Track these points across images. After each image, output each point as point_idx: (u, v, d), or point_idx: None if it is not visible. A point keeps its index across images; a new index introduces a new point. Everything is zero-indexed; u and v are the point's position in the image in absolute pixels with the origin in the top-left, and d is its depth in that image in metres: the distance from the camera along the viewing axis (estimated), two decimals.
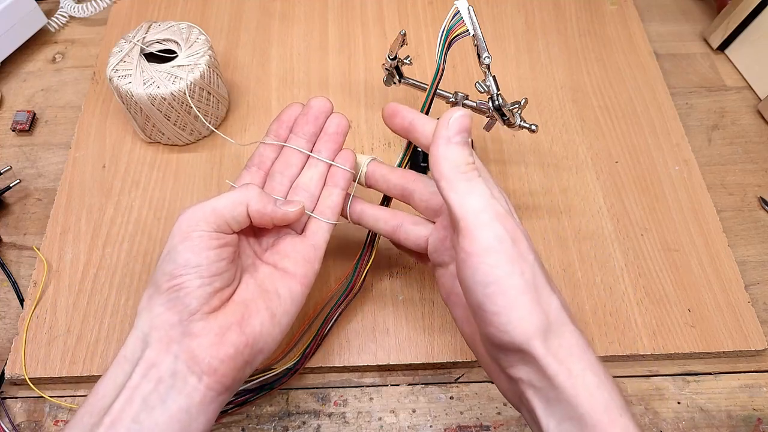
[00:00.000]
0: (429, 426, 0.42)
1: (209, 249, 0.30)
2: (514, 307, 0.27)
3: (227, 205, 0.31)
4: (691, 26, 0.65)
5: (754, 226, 0.51)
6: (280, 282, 0.33)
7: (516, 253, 0.27)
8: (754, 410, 0.43)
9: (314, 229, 0.35)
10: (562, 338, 0.27)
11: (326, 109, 0.37)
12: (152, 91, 0.46)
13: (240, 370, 0.30)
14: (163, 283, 0.30)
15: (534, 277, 0.28)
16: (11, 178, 0.51)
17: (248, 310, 0.31)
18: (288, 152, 0.37)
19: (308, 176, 0.36)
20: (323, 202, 0.36)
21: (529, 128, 0.42)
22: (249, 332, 0.30)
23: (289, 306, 0.33)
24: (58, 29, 0.63)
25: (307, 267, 0.34)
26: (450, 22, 0.35)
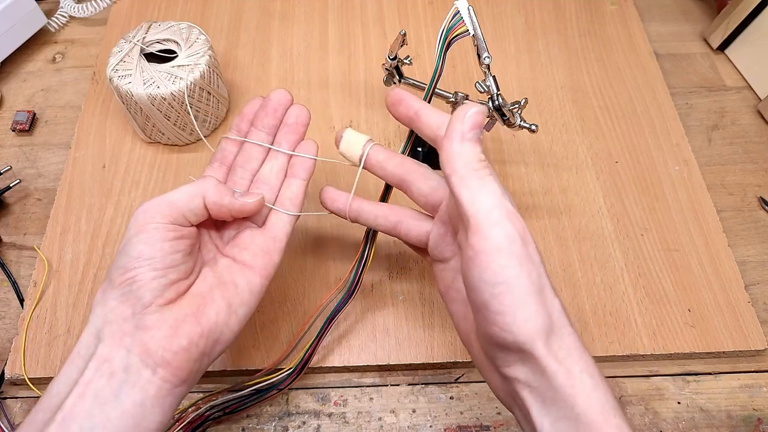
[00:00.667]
0: (429, 426, 0.42)
1: (164, 241, 0.30)
2: (520, 307, 0.26)
3: (183, 198, 0.31)
4: (691, 26, 0.65)
5: (754, 226, 0.51)
6: (238, 273, 0.33)
7: (525, 254, 0.27)
8: (754, 410, 0.43)
9: (274, 221, 0.35)
10: (562, 340, 0.27)
11: (285, 101, 0.37)
12: (152, 91, 0.46)
13: (196, 361, 0.30)
14: (116, 276, 0.30)
15: (539, 279, 0.27)
16: (11, 178, 0.51)
17: (204, 301, 0.31)
18: (249, 146, 0.37)
19: (268, 168, 0.36)
20: (283, 194, 0.36)
21: (529, 128, 0.42)
22: (204, 323, 0.30)
23: (247, 297, 0.32)
24: (58, 29, 0.63)
25: (267, 259, 0.34)
26: (450, 22, 0.35)
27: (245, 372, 0.42)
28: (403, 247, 0.47)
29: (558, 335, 0.27)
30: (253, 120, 0.37)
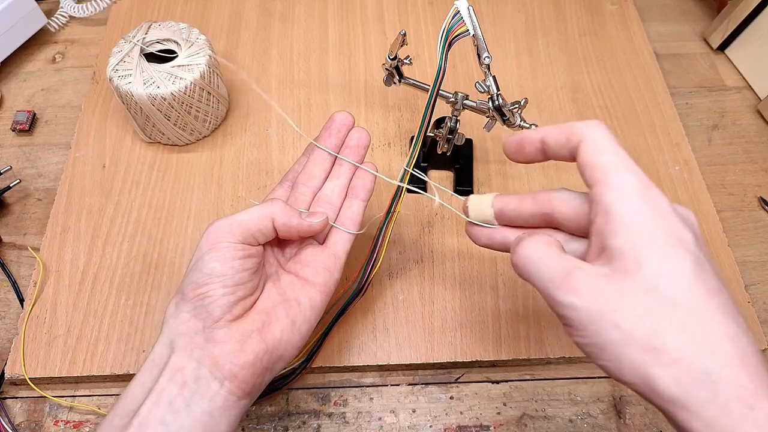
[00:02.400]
0: (429, 426, 0.42)
1: (234, 259, 0.31)
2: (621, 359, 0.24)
3: (253, 219, 0.33)
4: (691, 26, 0.65)
5: (754, 226, 0.51)
6: (300, 290, 0.34)
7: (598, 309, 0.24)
8: None
9: (335, 240, 0.36)
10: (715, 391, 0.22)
11: (348, 122, 0.38)
12: (152, 91, 0.46)
13: (260, 376, 0.31)
14: (189, 291, 0.31)
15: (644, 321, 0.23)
16: (11, 178, 0.51)
17: (269, 318, 0.32)
18: (311, 164, 0.38)
19: (330, 188, 0.37)
20: (344, 213, 0.37)
21: (529, 128, 0.42)
22: (269, 339, 0.31)
23: (309, 314, 0.33)
24: (58, 29, 0.63)
25: (327, 276, 0.35)
26: (450, 22, 0.35)
27: None
28: (403, 247, 0.47)
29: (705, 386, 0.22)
30: (317, 140, 0.38)
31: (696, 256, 0.24)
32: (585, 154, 0.27)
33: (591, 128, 0.27)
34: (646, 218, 0.24)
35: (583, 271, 0.25)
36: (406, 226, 0.48)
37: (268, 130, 0.54)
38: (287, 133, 0.54)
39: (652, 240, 0.24)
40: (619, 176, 0.26)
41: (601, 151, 0.27)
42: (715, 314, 0.23)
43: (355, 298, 0.39)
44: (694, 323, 0.23)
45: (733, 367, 0.22)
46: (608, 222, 0.25)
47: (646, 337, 0.23)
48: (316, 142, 0.38)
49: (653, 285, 0.23)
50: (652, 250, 0.24)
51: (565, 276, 0.25)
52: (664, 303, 0.23)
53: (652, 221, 0.24)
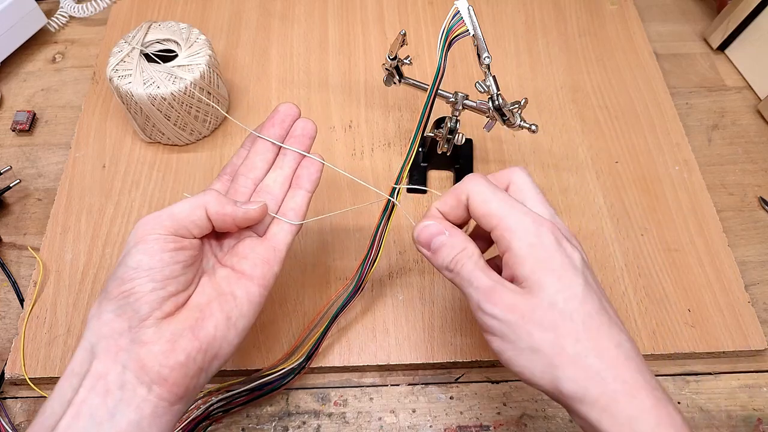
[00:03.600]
0: (429, 426, 0.42)
1: (164, 251, 0.29)
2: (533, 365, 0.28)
3: (185, 209, 0.31)
4: (691, 26, 0.65)
5: (754, 226, 0.51)
6: (236, 284, 0.32)
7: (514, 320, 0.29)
8: (754, 410, 0.43)
9: (275, 231, 0.34)
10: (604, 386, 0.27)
11: (293, 113, 0.37)
12: (152, 91, 0.46)
13: (193, 377, 0.29)
14: (113, 288, 0.29)
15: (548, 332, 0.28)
16: (11, 178, 0.51)
17: (202, 314, 0.30)
18: (252, 155, 0.36)
19: (272, 178, 0.36)
20: (287, 204, 0.35)
21: (529, 128, 0.42)
22: (203, 337, 0.29)
23: (246, 308, 0.32)
24: (58, 29, 0.63)
25: (266, 268, 0.33)
26: (450, 22, 0.35)
27: (245, 372, 0.42)
28: (403, 247, 0.47)
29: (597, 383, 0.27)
30: (258, 130, 0.37)
31: (585, 277, 0.29)
32: (474, 208, 0.31)
33: (471, 184, 0.31)
34: (540, 251, 0.29)
35: (504, 287, 0.29)
36: (406, 227, 0.48)
37: None
38: None
39: (548, 267, 0.29)
40: (511, 219, 0.30)
41: (487, 201, 0.31)
42: (602, 326, 0.28)
43: (352, 298, 0.39)
44: (586, 333, 0.28)
45: (618, 367, 0.27)
46: (512, 257, 0.29)
47: (551, 345, 0.28)
48: (259, 133, 0.36)
49: (554, 302, 0.28)
50: (549, 276, 0.29)
51: (491, 289, 0.29)
52: (564, 317, 0.28)
53: (546, 252, 0.29)
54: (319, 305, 0.45)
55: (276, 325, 0.44)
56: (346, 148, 0.53)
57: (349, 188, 0.51)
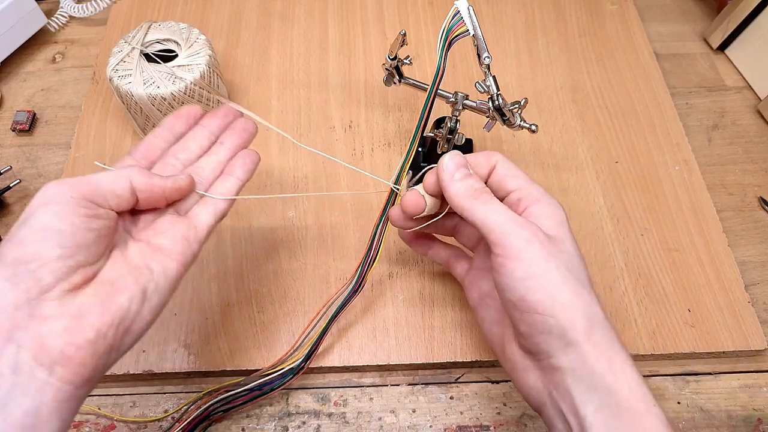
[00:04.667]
0: (429, 426, 0.42)
1: (76, 215, 0.26)
2: (557, 295, 0.29)
3: (106, 177, 0.29)
4: (691, 26, 0.65)
5: (754, 226, 0.51)
6: (152, 257, 0.29)
7: (547, 252, 0.30)
8: (754, 410, 0.43)
9: (198, 212, 0.33)
10: (603, 331, 0.29)
11: (236, 113, 0.37)
12: (152, 91, 0.46)
13: (102, 356, 0.26)
14: (7, 251, 0.25)
15: (572, 273, 0.30)
16: (11, 178, 0.51)
17: (115, 288, 0.27)
18: (188, 139, 0.35)
19: (205, 161, 0.34)
20: (215, 189, 0.34)
21: (529, 128, 0.42)
22: (114, 310, 0.26)
23: (162, 282, 0.29)
24: (58, 29, 0.63)
25: (185, 245, 0.30)
26: (450, 22, 0.35)
27: (244, 372, 0.42)
28: (404, 247, 0.47)
29: (599, 327, 0.29)
30: (200, 119, 0.36)
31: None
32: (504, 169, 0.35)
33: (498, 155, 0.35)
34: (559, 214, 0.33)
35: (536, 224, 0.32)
36: None
37: (268, 130, 0.54)
38: (287, 133, 0.54)
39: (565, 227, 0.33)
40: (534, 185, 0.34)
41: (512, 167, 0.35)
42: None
43: (351, 298, 0.39)
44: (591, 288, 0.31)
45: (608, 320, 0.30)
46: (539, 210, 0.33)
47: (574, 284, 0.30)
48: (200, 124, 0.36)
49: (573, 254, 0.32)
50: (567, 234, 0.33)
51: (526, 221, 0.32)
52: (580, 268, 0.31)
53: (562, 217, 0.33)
54: (319, 305, 0.44)
55: (276, 325, 0.44)
56: (346, 148, 0.53)
57: (347, 185, 0.51)
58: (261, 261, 0.47)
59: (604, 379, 0.28)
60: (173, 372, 0.42)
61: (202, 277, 0.46)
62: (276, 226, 0.48)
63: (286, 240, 0.48)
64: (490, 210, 0.32)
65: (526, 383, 0.32)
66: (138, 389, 0.43)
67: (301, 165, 0.52)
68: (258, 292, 0.45)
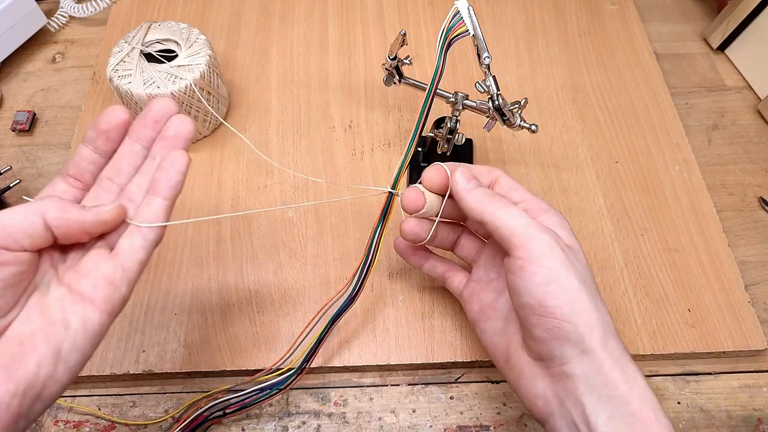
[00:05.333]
0: (429, 426, 0.42)
1: None
2: (576, 300, 0.29)
3: (14, 216, 0.25)
4: (691, 26, 0.65)
5: (754, 226, 0.51)
6: (71, 309, 0.26)
7: (567, 259, 0.30)
8: (754, 410, 0.43)
9: (126, 247, 0.28)
10: (616, 341, 0.30)
11: (168, 111, 0.31)
12: (152, 91, 0.46)
13: (7, 427, 0.24)
14: None
15: (587, 282, 0.31)
16: (11, 178, 0.51)
17: (23, 349, 0.24)
18: (119, 157, 0.31)
19: (136, 184, 0.30)
20: (140, 215, 0.28)
21: (529, 128, 0.42)
22: (20, 377, 0.24)
23: (81, 339, 0.26)
24: (58, 29, 0.63)
25: (110, 290, 0.27)
26: (450, 21, 0.35)
27: (245, 372, 0.42)
28: None
29: (612, 336, 0.30)
30: (129, 130, 0.31)
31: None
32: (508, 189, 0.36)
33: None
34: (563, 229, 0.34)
35: None
36: None
37: (267, 130, 0.54)
38: (287, 133, 0.54)
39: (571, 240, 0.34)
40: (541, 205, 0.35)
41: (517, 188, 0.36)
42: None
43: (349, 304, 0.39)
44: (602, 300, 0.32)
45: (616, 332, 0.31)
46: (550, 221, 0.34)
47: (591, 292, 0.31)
48: (129, 136, 0.31)
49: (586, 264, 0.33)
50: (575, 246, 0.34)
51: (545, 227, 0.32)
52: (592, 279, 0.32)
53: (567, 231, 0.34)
54: (319, 305, 0.44)
55: (276, 324, 0.44)
56: (346, 148, 0.53)
57: (347, 185, 0.51)
58: (261, 261, 0.47)
59: (618, 389, 0.28)
60: (173, 372, 0.42)
61: (202, 277, 0.46)
62: (276, 226, 0.48)
63: (286, 240, 0.48)
64: (511, 214, 0.32)
65: (532, 392, 0.32)
66: (138, 389, 0.43)
67: (301, 165, 0.52)
68: (258, 292, 0.45)
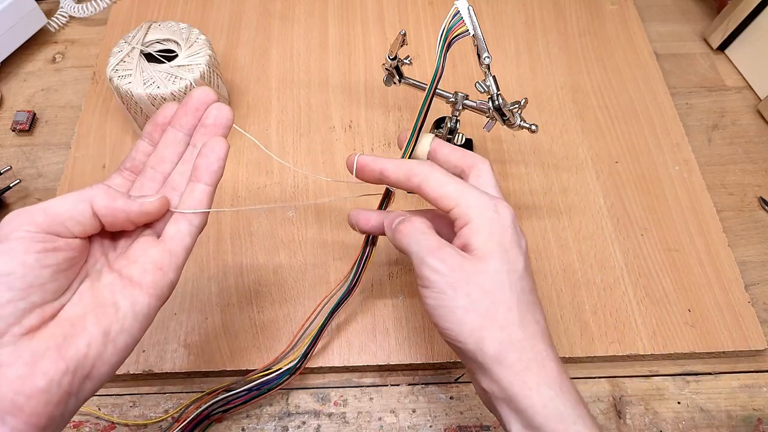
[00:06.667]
0: (429, 426, 0.42)
1: (29, 253, 0.25)
2: (464, 322, 0.30)
3: (64, 204, 0.27)
4: (691, 26, 0.65)
5: (754, 226, 0.51)
6: (121, 293, 0.27)
7: (456, 278, 0.30)
8: (754, 410, 0.43)
9: (172, 233, 0.29)
10: (518, 353, 0.29)
11: (208, 99, 0.32)
12: (152, 91, 0.46)
13: (58, 404, 0.25)
14: None
15: (488, 295, 0.30)
16: (11, 178, 0.51)
17: (73, 330, 0.26)
18: (162, 147, 0.32)
19: (179, 172, 0.31)
20: (184, 202, 0.30)
21: (529, 128, 0.42)
22: (71, 356, 0.25)
23: (130, 322, 0.27)
24: (58, 29, 0.63)
25: (159, 275, 0.28)
26: (450, 22, 0.35)
27: (244, 372, 0.42)
28: None
29: (513, 349, 0.30)
30: (171, 119, 0.33)
31: (526, 259, 0.32)
32: (431, 190, 0.33)
33: (426, 169, 0.33)
34: (496, 225, 0.31)
35: (451, 248, 0.31)
36: None
37: (268, 130, 0.54)
38: (287, 133, 0.54)
39: (500, 240, 0.31)
40: (471, 197, 0.32)
41: (443, 184, 0.32)
42: (530, 303, 0.31)
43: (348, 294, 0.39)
44: (518, 305, 0.30)
45: (535, 339, 0.30)
46: (470, 229, 0.31)
47: (486, 308, 0.30)
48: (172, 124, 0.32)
49: (499, 271, 0.30)
50: (499, 248, 0.31)
51: (438, 247, 0.31)
52: (503, 287, 0.30)
53: (501, 227, 0.32)
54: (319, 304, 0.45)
55: (276, 324, 0.44)
56: (346, 148, 0.53)
57: (347, 185, 0.51)
58: (261, 261, 0.47)
59: (521, 403, 0.29)
60: (173, 372, 0.42)
61: (202, 277, 0.46)
62: (276, 226, 0.48)
63: (286, 240, 0.48)
64: (408, 241, 0.32)
65: (480, 385, 0.32)
66: (138, 389, 0.43)
67: (301, 165, 0.52)
68: (258, 292, 0.45)
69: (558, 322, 0.44)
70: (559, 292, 0.46)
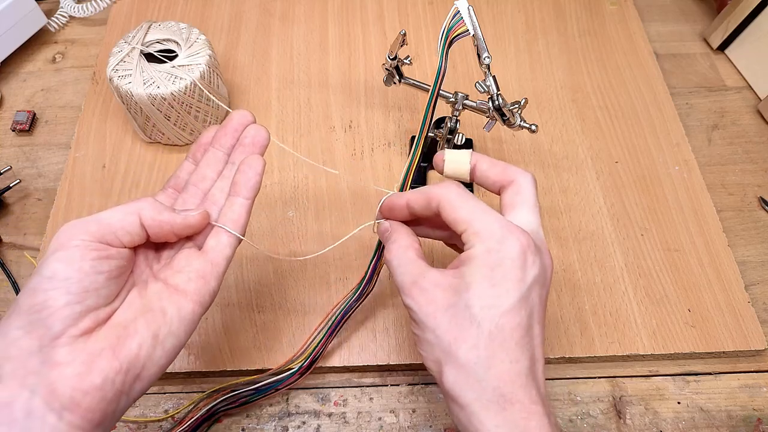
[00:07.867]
0: (429, 426, 0.42)
1: (84, 260, 0.27)
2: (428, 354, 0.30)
3: (115, 215, 0.29)
4: (691, 26, 0.65)
5: (754, 226, 0.51)
6: (167, 299, 0.29)
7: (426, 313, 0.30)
8: (754, 410, 0.43)
9: (213, 244, 0.31)
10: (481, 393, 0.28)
11: (246, 120, 0.35)
12: (152, 91, 0.46)
13: (111, 402, 0.26)
14: (24, 300, 0.26)
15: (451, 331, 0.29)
16: (11, 178, 0.51)
17: (126, 332, 0.27)
18: (203, 165, 0.35)
19: (218, 188, 0.34)
20: (225, 215, 0.32)
21: (529, 128, 0.42)
22: (124, 356, 0.27)
23: (177, 326, 0.29)
24: (58, 29, 0.63)
25: (201, 284, 0.30)
26: (450, 22, 0.35)
27: (245, 372, 0.42)
28: None
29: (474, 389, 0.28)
30: (213, 140, 0.35)
31: (526, 293, 0.29)
32: (446, 214, 0.31)
33: (443, 190, 0.32)
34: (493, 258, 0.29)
35: (425, 280, 0.30)
36: None
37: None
38: (287, 133, 0.54)
39: (489, 274, 0.29)
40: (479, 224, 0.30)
41: (456, 208, 0.31)
42: (508, 341, 0.28)
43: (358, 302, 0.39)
44: (487, 343, 0.28)
45: (502, 380, 0.28)
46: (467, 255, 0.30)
47: (447, 343, 0.29)
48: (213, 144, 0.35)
49: (469, 306, 0.28)
50: (483, 282, 0.29)
51: (412, 284, 0.31)
52: (472, 323, 0.28)
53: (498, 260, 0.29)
54: (319, 305, 0.45)
55: (276, 325, 0.44)
56: (346, 148, 0.53)
57: (347, 185, 0.51)
58: (261, 261, 0.47)
59: None
60: (173, 372, 0.42)
61: None
62: (276, 226, 0.48)
63: (286, 240, 0.48)
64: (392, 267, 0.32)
65: None
66: None
67: (302, 165, 0.52)
68: (258, 292, 0.45)
69: (558, 322, 0.44)
70: (559, 292, 0.46)
